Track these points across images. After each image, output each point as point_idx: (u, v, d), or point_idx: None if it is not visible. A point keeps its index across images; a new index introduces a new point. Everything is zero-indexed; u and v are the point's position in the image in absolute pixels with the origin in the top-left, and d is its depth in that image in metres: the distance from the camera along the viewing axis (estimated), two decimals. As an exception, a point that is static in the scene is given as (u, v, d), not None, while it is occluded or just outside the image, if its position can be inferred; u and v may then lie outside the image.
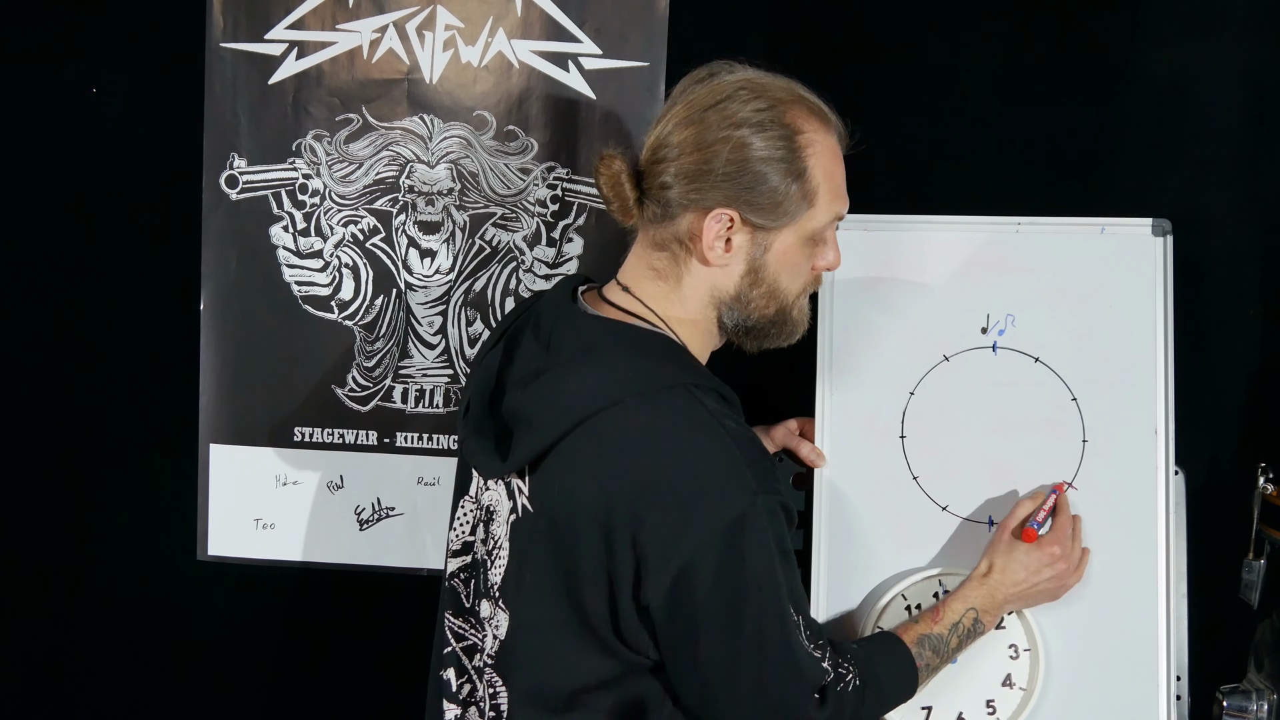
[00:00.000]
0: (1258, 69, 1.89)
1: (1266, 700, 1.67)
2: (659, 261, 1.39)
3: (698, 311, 1.41)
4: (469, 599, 1.48)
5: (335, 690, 2.17)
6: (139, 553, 2.17)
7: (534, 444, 1.31)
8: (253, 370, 2.10)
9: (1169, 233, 1.68)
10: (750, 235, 1.36)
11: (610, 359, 1.33)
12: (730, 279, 1.38)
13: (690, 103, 1.35)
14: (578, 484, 1.29)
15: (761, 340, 1.45)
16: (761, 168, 1.32)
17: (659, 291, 1.40)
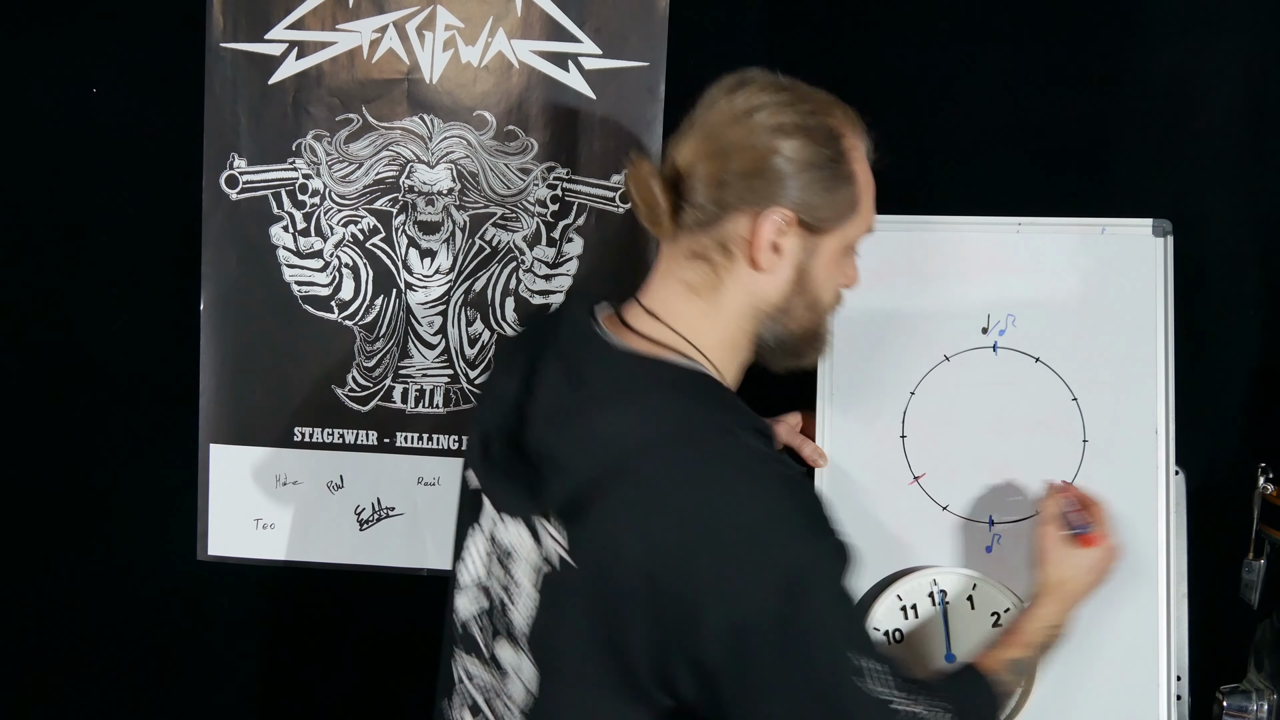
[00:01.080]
0: (1258, 69, 1.89)
1: (1266, 700, 1.67)
2: (694, 274, 1.33)
3: (735, 328, 1.35)
4: (484, 640, 1.39)
5: (335, 690, 2.17)
6: (139, 553, 2.17)
7: (566, 488, 1.24)
8: (253, 370, 2.10)
9: (1169, 233, 1.68)
10: (801, 239, 1.32)
11: (648, 399, 1.26)
12: (775, 286, 1.33)
13: (735, 105, 1.31)
14: (623, 537, 1.20)
15: (794, 358, 1.41)
16: (818, 169, 1.30)
17: (693, 312, 1.33)
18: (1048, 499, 1.59)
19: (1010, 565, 1.67)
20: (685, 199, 1.31)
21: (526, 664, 1.31)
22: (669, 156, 1.35)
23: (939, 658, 1.66)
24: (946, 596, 1.67)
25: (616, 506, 1.21)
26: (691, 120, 1.35)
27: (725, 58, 1.99)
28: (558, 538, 1.26)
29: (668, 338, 1.32)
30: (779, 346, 1.38)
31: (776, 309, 1.35)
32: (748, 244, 1.30)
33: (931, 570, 1.67)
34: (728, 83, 1.35)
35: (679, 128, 1.37)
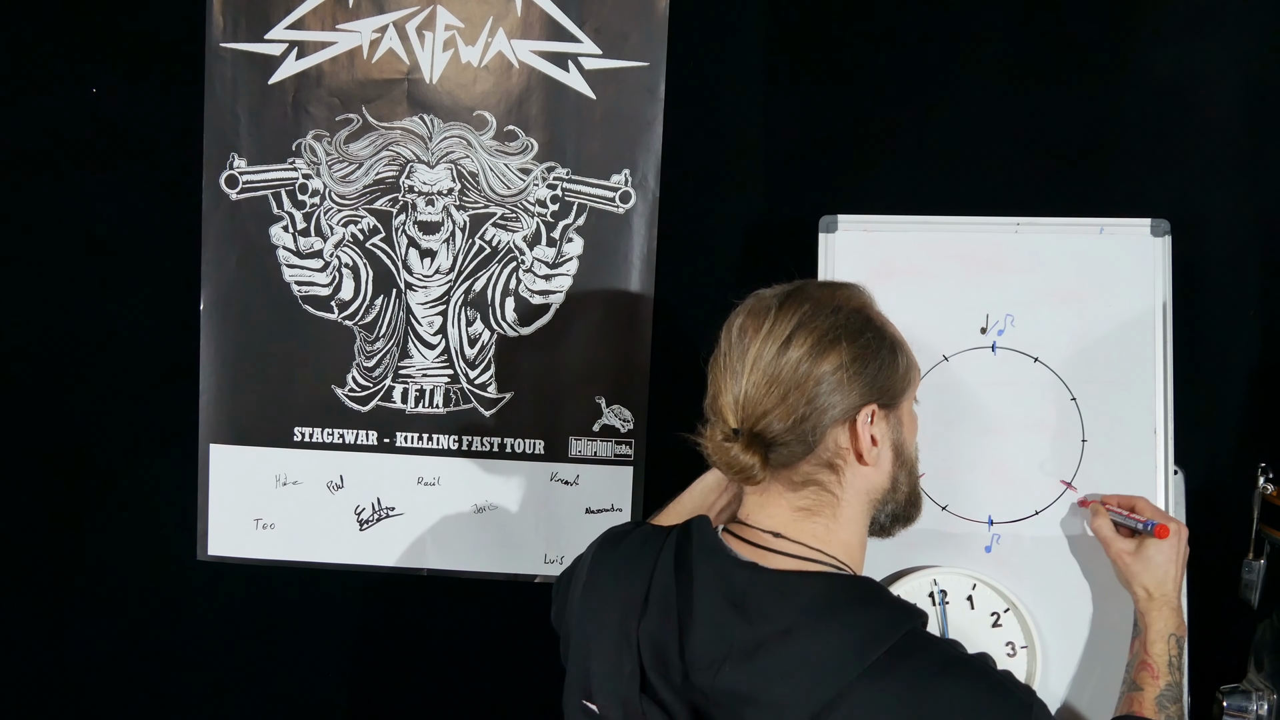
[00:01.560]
0: (1258, 69, 1.88)
1: (1266, 700, 1.67)
2: (806, 500, 1.30)
3: (858, 527, 1.33)
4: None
5: (335, 690, 2.17)
6: (139, 553, 2.17)
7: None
8: (253, 370, 2.10)
9: (1168, 233, 1.68)
10: (887, 419, 1.32)
11: (840, 619, 1.22)
12: (883, 472, 1.34)
13: (768, 350, 1.28)
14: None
15: (904, 523, 1.40)
16: (874, 357, 1.30)
17: (817, 530, 1.30)
18: (1096, 521, 1.61)
19: (1010, 565, 1.67)
20: (772, 446, 1.28)
21: None
22: (724, 412, 1.30)
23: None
24: (946, 597, 1.66)
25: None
26: (732, 369, 1.30)
27: (725, 58, 2.01)
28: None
29: (808, 554, 1.29)
30: (894, 520, 1.38)
31: (887, 491, 1.35)
32: (851, 451, 1.30)
33: (931, 570, 1.67)
34: (746, 324, 1.32)
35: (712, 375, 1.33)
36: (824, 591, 1.24)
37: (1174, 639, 1.52)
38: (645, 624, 1.29)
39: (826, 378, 1.26)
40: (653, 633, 1.28)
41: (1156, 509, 1.60)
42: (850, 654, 1.18)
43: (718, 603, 1.26)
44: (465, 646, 2.13)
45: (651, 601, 1.30)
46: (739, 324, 1.32)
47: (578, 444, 2.06)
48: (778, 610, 1.22)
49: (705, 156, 2.03)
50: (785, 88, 1.99)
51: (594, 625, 1.35)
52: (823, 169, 1.99)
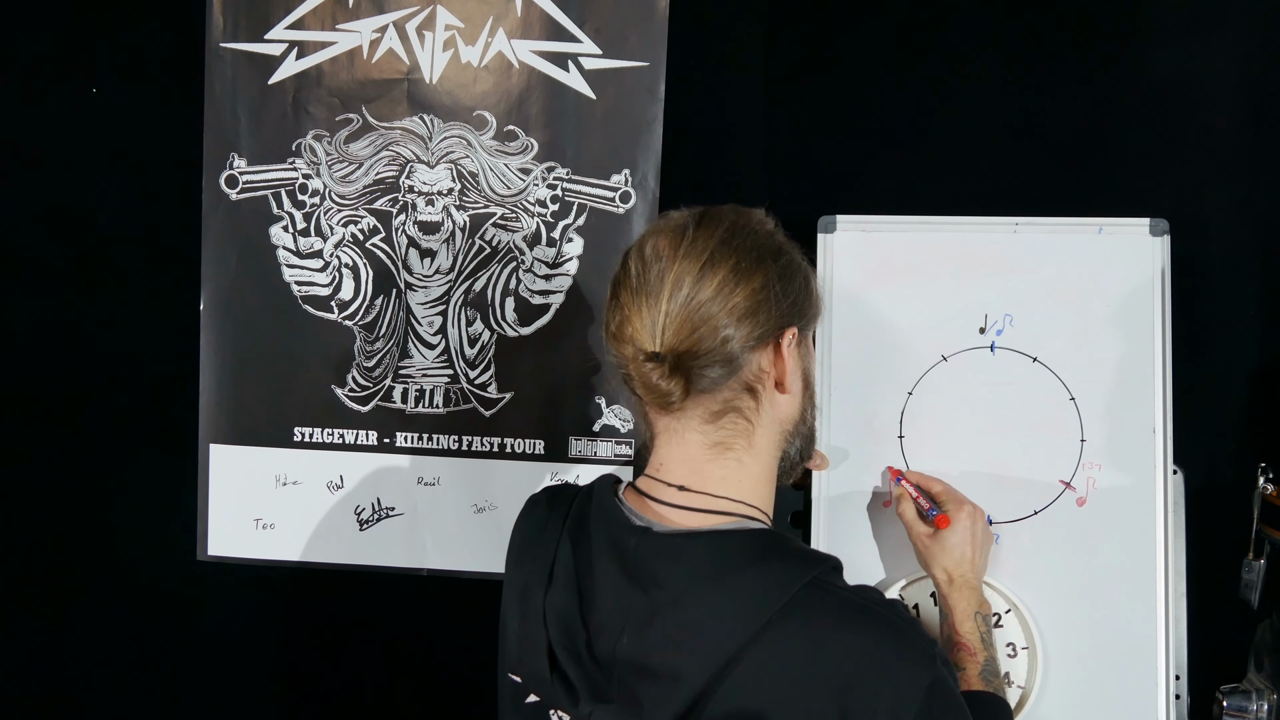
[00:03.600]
0: (1258, 69, 1.88)
1: (1266, 700, 1.67)
2: (722, 433, 1.26)
3: (769, 462, 1.30)
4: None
5: (335, 690, 2.18)
6: (139, 553, 2.17)
7: (681, 695, 1.15)
8: (253, 370, 2.11)
9: (1167, 232, 1.68)
10: (799, 346, 1.29)
11: (732, 580, 1.18)
12: (795, 401, 1.30)
13: (683, 272, 1.22)
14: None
15: (801, 464, 1.37)
16: (789, 279, 1.27)
17: (728, 471, 1.26)
18: (900, 505, 1.62)
19: (1010, 564, 1.67)
20: (693, 370, 1.22)
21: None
22: (640, 338, 1.23)
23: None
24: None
25: (742, 697, 1.14)
26: (646, 293, 1.23)
27: (725, 58, 2.01)
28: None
29: (710, 505, 1.26)
30: (799, 458, 1.34)
31: (797, 423, 1.32)
32: (771, 376, 1.27)
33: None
34: (660, 245, 1.26)
35: (618, 302, 1.26)
36: (716, 552, 1.20)
37: (980, 616, 1.51)
38: (551, 596, 1.27)
39: (755, 295, 1.22)
40: (558, 605, 1.26)
41: (951, 492, 1.60)
42: (742, 615, 1.15)
43: (613, 571, 1.23)
44: (465, 646, 2.13)
45: (556, 573, 1.28)
46: (651, 245, 1.26)
47: (578, 444, 2.06)
48: (669, 575, 1.19)
49: (705, 156, 2.03)
50: (785, 88, 1.99)
51: (510, 596, 1.34)
52: (822, 169, 1.99)
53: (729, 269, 1.22)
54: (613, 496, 1.30)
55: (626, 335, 1.24)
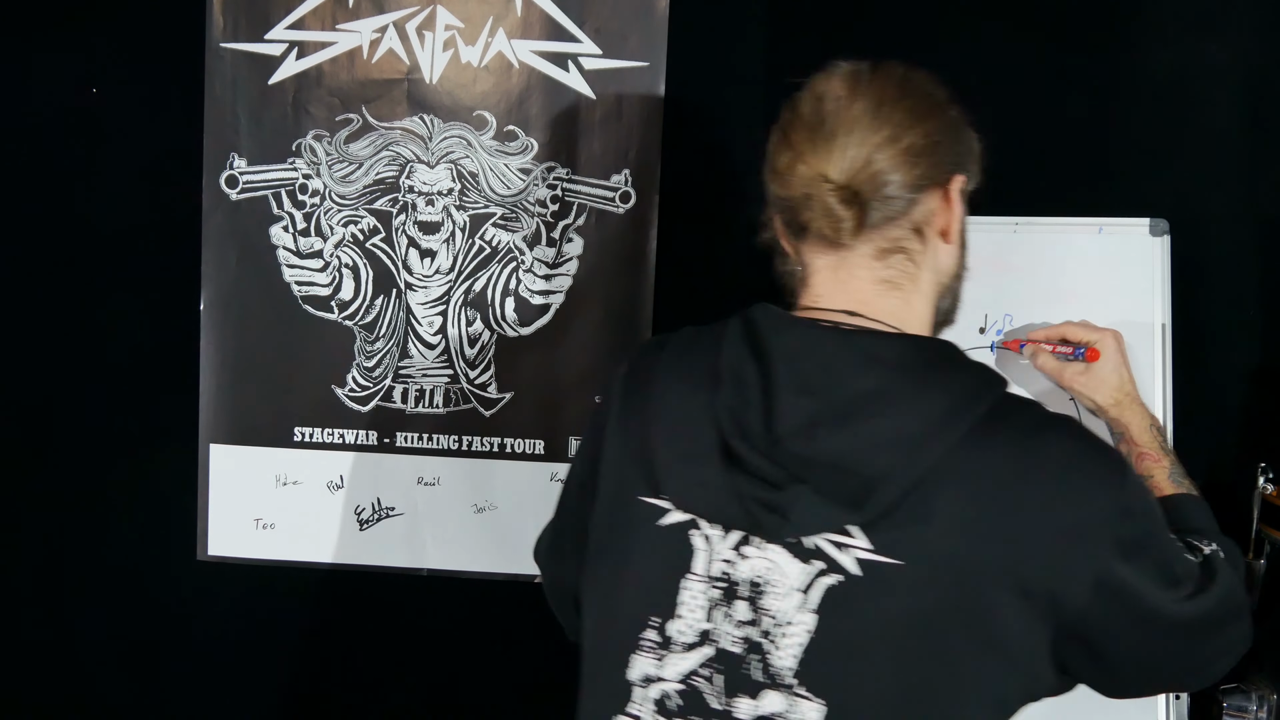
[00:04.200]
0: (1258, 69, 1.88)
1: (1266, 700, 1.67)
2: (890, 271, 1.24)
3: (928, 311, 1.28)
4: (721, 701, 1.20)
5: (335, 690, 2.17)
6: (139, 553, 2.17)
7: (889, 492, 1.13)
8: (253, 370, 2.11)
9: (1167, 232, 1.68)
10: (961, 199, 1.28)
11: (932, 381, 1.17)
12: (954, 255, 1.30)
13: (874, 92, 1.23)
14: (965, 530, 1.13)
15: (946, 326, 1.35)
16: (965, 128, 1.29)
17: (894, 306, 1.24)
18: (1039, 359, 1.63)
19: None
20: (868, 201, 1.21)
21: (807, 703, 1.16)
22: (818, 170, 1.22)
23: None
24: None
25: (939, 500, 1.13)
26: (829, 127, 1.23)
27: (725, 58, 2.01)
28: (856, 544, 1.15)
29: (884, 329, 1.23)
30: (944, 319, 1.33)
31: (953, 278, 1.31)
32: (941, 219, 1.26)
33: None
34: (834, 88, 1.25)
35: (788, 141, 1.26)
36: (912, 352, 1.19)
37: (1154, 428, 1.54)
38: (720, 399, 1.21)
39: (929, 136, 1.22)
40: (729, 406, 1.20)
41: (1082, 328, 1.61)
42: (951, 418, 1.14)
43: (801, 368, 1.19)
44: (465, 646, 2.13)
45: (723, 379, 1.22)
46: (825, 87, 1.26)
47: (578, 444, 2.06)
48: (867, 371, 1.17)
49: (705, 156, 2.03)
50: (785, 88, 1.99)
51: (648, 416, 1.27)
52: (822, 169, 1.99)
53: (905, 110, 1.22)
54: (785, 312, 1.27)
55: (798, 171, 1.23)
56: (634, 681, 1.24)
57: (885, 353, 1.18)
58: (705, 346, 1.27)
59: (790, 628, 1.16)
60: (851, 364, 1.18)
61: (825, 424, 1.16)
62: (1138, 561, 1.17)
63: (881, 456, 1.13)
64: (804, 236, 1.27)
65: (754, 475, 1.18)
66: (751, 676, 1.18)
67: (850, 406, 1.16)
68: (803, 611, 1.16)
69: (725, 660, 1.20)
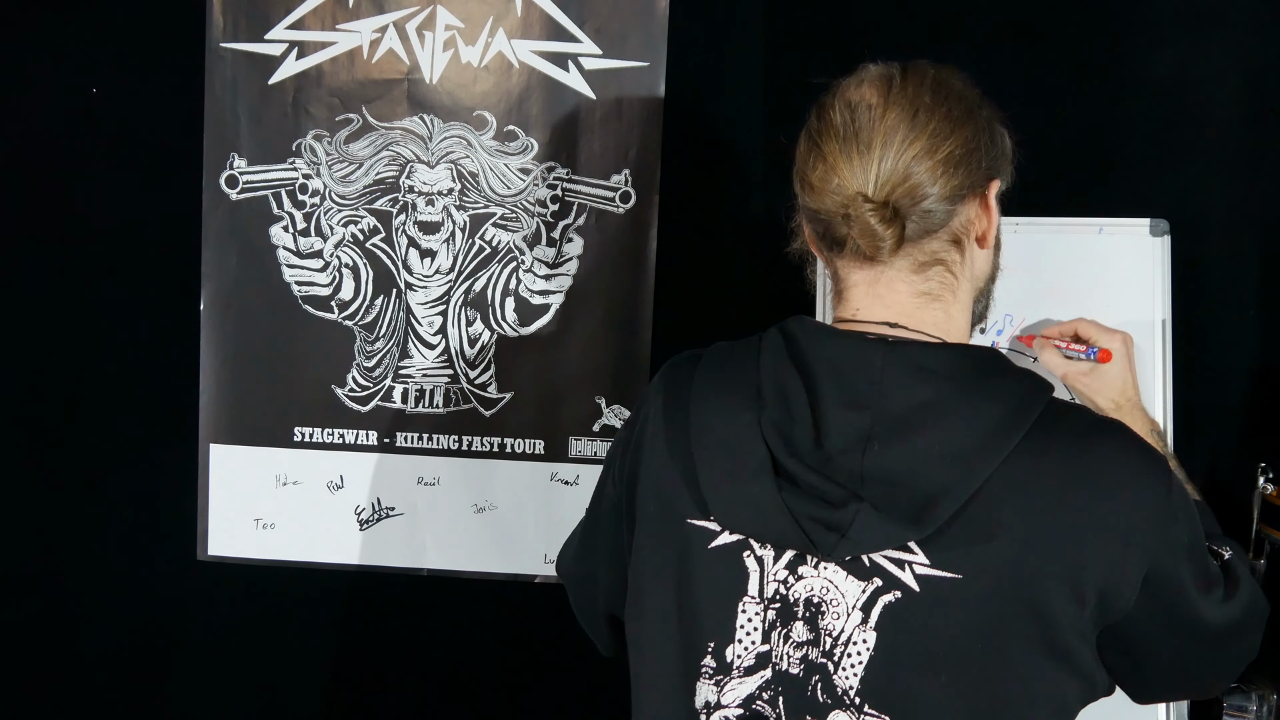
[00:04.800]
0: (1258, 69, 1.88)
1: (1266, 700, 1.67)
2: (930, 284, 1.22)
3: (966, 321, 1.28)
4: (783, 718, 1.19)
5: (335, 690, 2.17)
6: (139, 553, 2.17)
7: (948, 505, 1.12)
8: (253, 370, 2.11)
9: (1167, 233, 1.68)
10: (998, 202, 1.28)
11: (982, 390, 1.16)
12: (990, 259, 1.30)
13: (906, 100, 1.20)
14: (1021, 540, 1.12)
15: (976, 325, 1.34)
16: (998, 128, 1.28)
17: (935, 318, 1.23)
18: (1044, 355, 1.61)
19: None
20: (907, 215, 1.19)
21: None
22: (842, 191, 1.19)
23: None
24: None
25: (994, 512, 1.12)
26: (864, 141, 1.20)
27: (725, 58, 2.01)
28: (914, 559, 1.14)
29: (929, 338, 1.23)
30: (978, 320, 1.33)
31: (989, 280, 1.32)
32: (976, 229, 1.25)
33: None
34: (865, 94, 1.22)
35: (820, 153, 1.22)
36: (960, 362, 1.17)
37: (1155, 433, 1.54)
38: (765, 416, 1.19)
39: (966, 144, 1.20)
40: (776, 422, 1.19)
41: (1095, 327, 1.58)
42: (1004, 428, 1.13)
43: (848, 382, 1.17)
44: (465, 646, 2.14)
45: (765, 394, 1.21)
46: (856, 94, 1.22)
47: (578, 444, 2.06)
48: (917, 384, 1.16)
49: (705, 156, 2.03)
50: (785, 87, 1.99)
51: (689, 436, 1.24)
52: (822, 169, 1.99)
53: (941, 117, 1.20)
54: (826, 324, 1.25)
55: (832, 185, 1.20)
56: (698, 709, 1.22)
57: (933, 363, 1.17)
58: (741, 362, 1.26)
59: (852, 646, 1.16)
60: (900, 376, 1.16)
61: (879, 438, 1.14)
62: (1183, 563, 1.18)
63: (938, 470, 1.12)
64: (839, 251, 1.24)
65: (808, 493, 1.16)
66: (816, 698, 1.17)
67: (902, 420, 1.15)
68: (864, 629, 1.15)
69: (785, 682, 1.18)
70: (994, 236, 1.28)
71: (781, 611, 1.18)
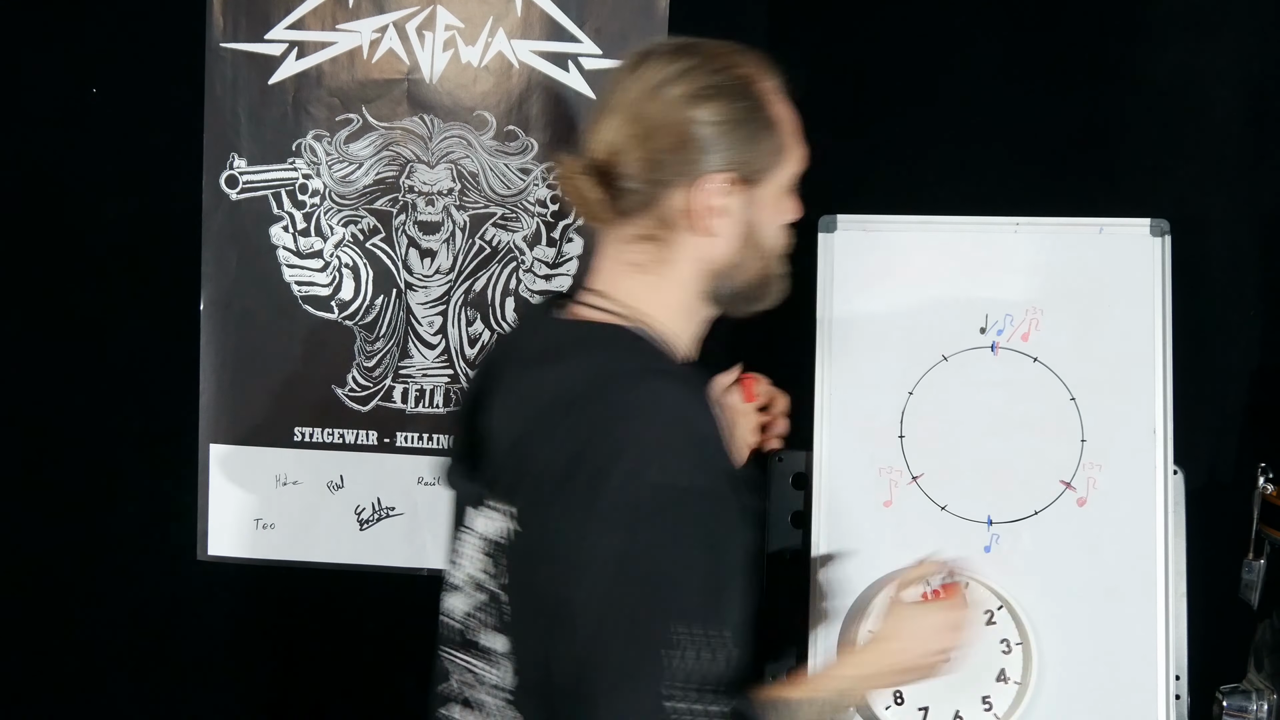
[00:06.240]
0: (1258, 69, 1.88)
1: (1266, 700, 1.67)
2: (639, 255, 1.32)
3: (687, 293, 1.34)
4: (476, 635, 1.34)
5: (335, 690, 2.18)
6: (139, 553, 2.17)
7: (502, 456, 1.27)
8: (253, 370, 2.10)
9: (1167, 233, 1.68)
10: (741, 195, 1.31)
11: (570, 357, 1.28)
12: (725, 246, 1.32)
13: (644, 83, 1.29)
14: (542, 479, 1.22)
15: (753, 302, 1.39)
16: (739, 125, 1.30)
17: (639, 286, 1.32)
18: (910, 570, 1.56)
19: (1009, 565, 1.66)
20: (618, 185, 1.29)
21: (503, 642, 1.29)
22: (589, 147, 1.31)
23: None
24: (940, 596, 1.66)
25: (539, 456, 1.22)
26: (603, 105, 1.32)
27: (725, 58, 2.01)
28: (508, 509, 1.26)
29: (609, 306, 1.32)
30: (736, 297, 1.37)
31: (728, 266, 1.34)
32: (688, 216, 1.30)
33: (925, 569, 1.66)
34: (630, 61, 1.32)
35: (592, 114, 1.34)
36: (576, 332, 1.31)
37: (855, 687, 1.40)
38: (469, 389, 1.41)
39: (690, 129, 1.26)
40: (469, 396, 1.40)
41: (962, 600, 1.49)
42: (560, 390, 1.24)
43: (507, 361, 1.35)
44: (465, 646, 2.13)
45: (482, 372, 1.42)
46: (630, 62, 1.32)
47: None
48: (531, 352, 1.32)
49: (705, 156, 2.03)
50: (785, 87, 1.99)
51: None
52: (822, 169, 1.99)
53: (676, 98, 1.27)
54: (545, 302, 1.43)
55: (585, 144, 1.32)
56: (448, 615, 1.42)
57: (559, 335, 1.32)
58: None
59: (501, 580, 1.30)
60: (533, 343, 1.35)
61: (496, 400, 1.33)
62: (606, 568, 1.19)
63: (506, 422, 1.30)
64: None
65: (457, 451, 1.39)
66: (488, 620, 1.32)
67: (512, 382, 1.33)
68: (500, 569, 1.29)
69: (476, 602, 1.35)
70: (726, 226, 1.31)
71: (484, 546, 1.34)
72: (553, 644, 1.20)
